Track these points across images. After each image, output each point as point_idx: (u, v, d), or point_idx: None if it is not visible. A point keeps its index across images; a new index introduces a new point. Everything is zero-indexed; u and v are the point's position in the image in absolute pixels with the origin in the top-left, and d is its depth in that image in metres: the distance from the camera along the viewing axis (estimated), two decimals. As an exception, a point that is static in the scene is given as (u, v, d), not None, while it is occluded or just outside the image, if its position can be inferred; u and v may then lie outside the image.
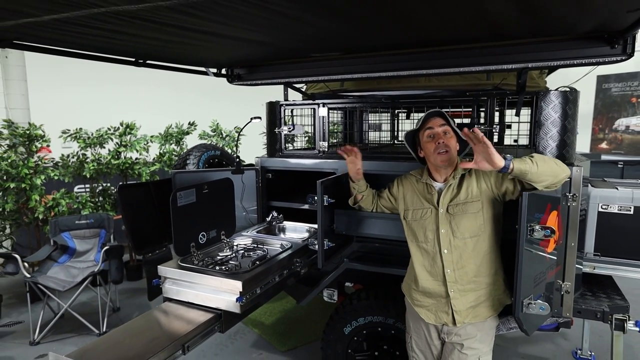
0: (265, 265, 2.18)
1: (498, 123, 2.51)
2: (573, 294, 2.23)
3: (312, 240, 2.50)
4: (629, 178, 3.39)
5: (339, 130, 3.79)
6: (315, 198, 2.28)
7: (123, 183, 5.06)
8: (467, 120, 2.62)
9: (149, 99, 6.97)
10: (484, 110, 2.50)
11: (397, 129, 4.42)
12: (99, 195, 5.04)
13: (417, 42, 2.22)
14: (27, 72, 6.14)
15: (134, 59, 2.37)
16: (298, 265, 2.41)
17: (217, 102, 7.04)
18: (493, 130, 2.45)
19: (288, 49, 2.34)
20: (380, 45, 2.31)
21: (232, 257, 2.36)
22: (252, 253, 2.43)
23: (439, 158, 1.94)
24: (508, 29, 1.94)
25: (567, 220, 2.17)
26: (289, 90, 3.14)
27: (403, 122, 4.40)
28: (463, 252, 1.95)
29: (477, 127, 2.44)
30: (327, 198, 2.27)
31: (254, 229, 2.87)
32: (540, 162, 1.78)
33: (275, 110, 3.02)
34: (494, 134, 2.54)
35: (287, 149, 3.06)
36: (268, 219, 2.95)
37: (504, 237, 2.01)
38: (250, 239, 2.66)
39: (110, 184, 5.25)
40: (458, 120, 2.50)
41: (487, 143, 1.71)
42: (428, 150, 1.98)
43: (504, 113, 3.44)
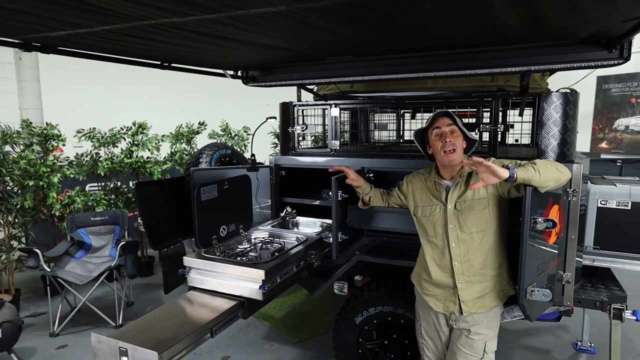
0: (284, 256, 2.31)
1: (501, 123, 2.62)
2: (573, 284, 2.34)
3: (326, 234, 2.64)
4: (627, 176, 3.51)
5: (346, 130, 3.91)
6: (330, 193, 2.42)
7: (140, 180, 5.19)
8: (472, 120, 2.73)
9: (157, 99, 7.10)
10: (489, 111, 2.62)
11: (402, 129, 4.55)
12: (111, 193, 5.18)
13: (426, 46, 2.34)
14: (40, 73, 6.29)
15: (160, 63, 2.51)
16: (313, 257, 2.54)
17: (222, 102, 7.18)
18: (497, 130, 2.57)
19: (303, 53, 2.47)
20: (392, 49, 2.43)
21: (251, 249, 2.50)
22: (269, 246, 2.56)
23: (446, 157, 2.04)
24: (513, 35, 2.03)
25: (567, 214, 2.28)
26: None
27: (410, 122, 4.53)
28: (470, 245, 2.07)
29: (481, 126, 2.58)
30: (341, 193, 2.41)
31: (269, 224, 3.00)
32: (542, 169, 1.86)
33: (289, 111, 3.16)
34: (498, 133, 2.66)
35: (300, 148, 3.18)
36: (282, 214, 3.09)
37: (509, 231, 2.13)
38: (267, 233, 2.80)
39: (121, 183, 5.39)
40: (464, 120, 2.62)
41: (486, 165, 1.80)
42: (436, 148, 2.08)
43: (507, 113, 3.58)
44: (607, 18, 1.70)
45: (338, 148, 3.02)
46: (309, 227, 3.04)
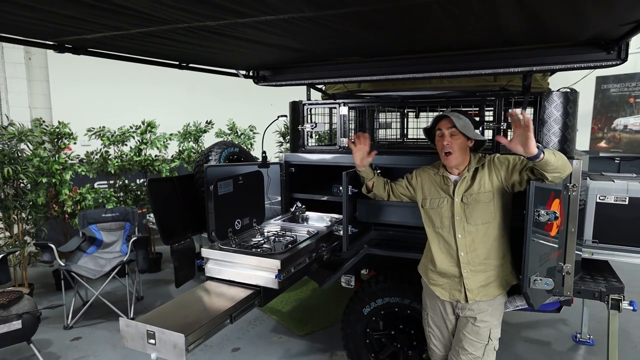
0: (298, 248, 2.42)
1: (504, 120, 2.72)
2: (573, 276, 2.45)
3: (337, 227, 2.75)
4: (625, 173, 3.62)
5: (351, 129, 4.01)
6: (340, 188, 2.53)
7: (152, 177, 5.29)
8: (476, 119, 2.82)
9: (164, 98, 7.20)
10: (492, 110, 2.73)
11: (406, 127, 4.64)
12: (120, 191, 5.29)
13: (433, 47, 2.44)
14: (49, 72, 6.40)
15: (178, 63, 2.60)
16: (323, 250, 2.65)
17: (228, 101, 7.28)
18: (500, 127, 2.67)
19: (315, 54, 2.56)
20: (400, 50, 2.53)
21: (264, 241, 2.61)
22: (282, 238, 2.67)
23: (444, 160, 2.21)
24: (516, 37, 2.12)
25: (567, 208, 2.39)
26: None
27: (415, 120, 4.62)
28: (475, 236, 2.18)
29: (484, 124, 2.68)
30: (351, 188, 2.52)
31: (280, 218, 3.11)
32: (559, 156, 1.96)
33: (299, 109, 3.26)
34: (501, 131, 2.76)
35: (309, 145, 3.29)
36: (292, 209, 3.19)
37: (512, 224, 2.24)
38: (279, 227, 2.91)
39: (129, 180, 5.50)
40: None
41: (530, 127, 1.82)
42: (438, 147, 2.24)
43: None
44: (604, 22, 1.80)
45: (347, 146, 3.12)
46: (318, 221, 3.15)
